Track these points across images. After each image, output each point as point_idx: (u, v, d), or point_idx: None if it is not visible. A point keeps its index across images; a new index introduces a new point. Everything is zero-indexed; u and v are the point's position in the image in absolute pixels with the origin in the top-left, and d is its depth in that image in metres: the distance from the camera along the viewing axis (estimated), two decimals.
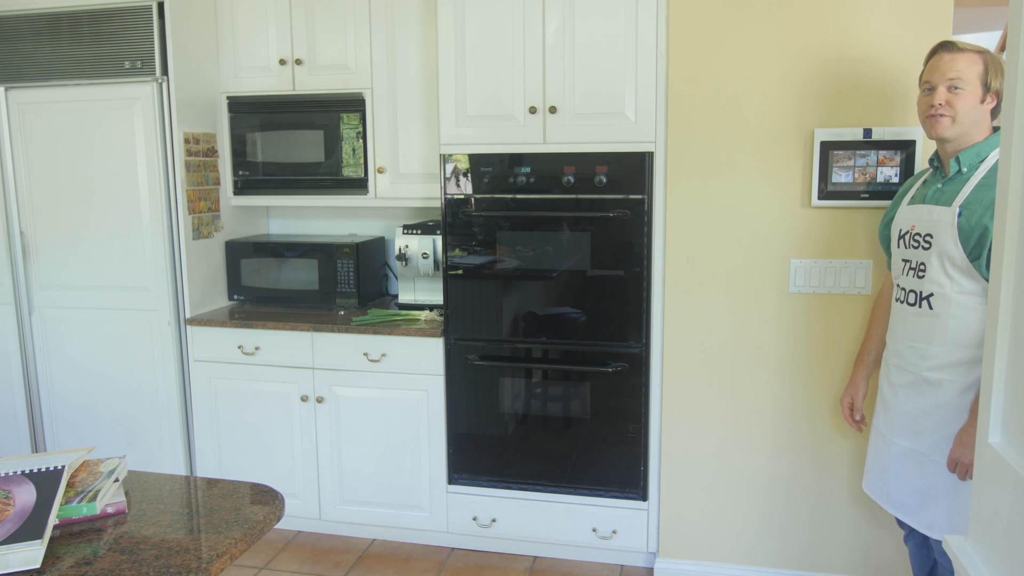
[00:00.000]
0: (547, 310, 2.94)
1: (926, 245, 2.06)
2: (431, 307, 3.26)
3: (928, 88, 2.09)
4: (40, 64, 3.20)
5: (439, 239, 3.15)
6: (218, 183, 3.39)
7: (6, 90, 3.25)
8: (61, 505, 1.49)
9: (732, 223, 2.70)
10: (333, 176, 3.30)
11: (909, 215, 2.16)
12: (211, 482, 1.78)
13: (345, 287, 3.32)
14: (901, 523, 2.32)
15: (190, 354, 3.26)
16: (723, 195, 2.69)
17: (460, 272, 2.99)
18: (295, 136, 3.32)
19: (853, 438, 2.68)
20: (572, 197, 2.84)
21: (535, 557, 3.10)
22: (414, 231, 3.22)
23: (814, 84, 2.57)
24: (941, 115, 2.05)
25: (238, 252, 3.43)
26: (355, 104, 3.22)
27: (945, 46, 2.08)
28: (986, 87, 2.03)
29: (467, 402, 3.04)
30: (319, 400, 3.14)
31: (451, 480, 3.10)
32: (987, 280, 1.96)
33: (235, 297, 3.48)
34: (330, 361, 3.12)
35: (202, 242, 3.30)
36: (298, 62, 3.26)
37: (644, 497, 2.93)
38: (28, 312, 3.39)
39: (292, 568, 3.06)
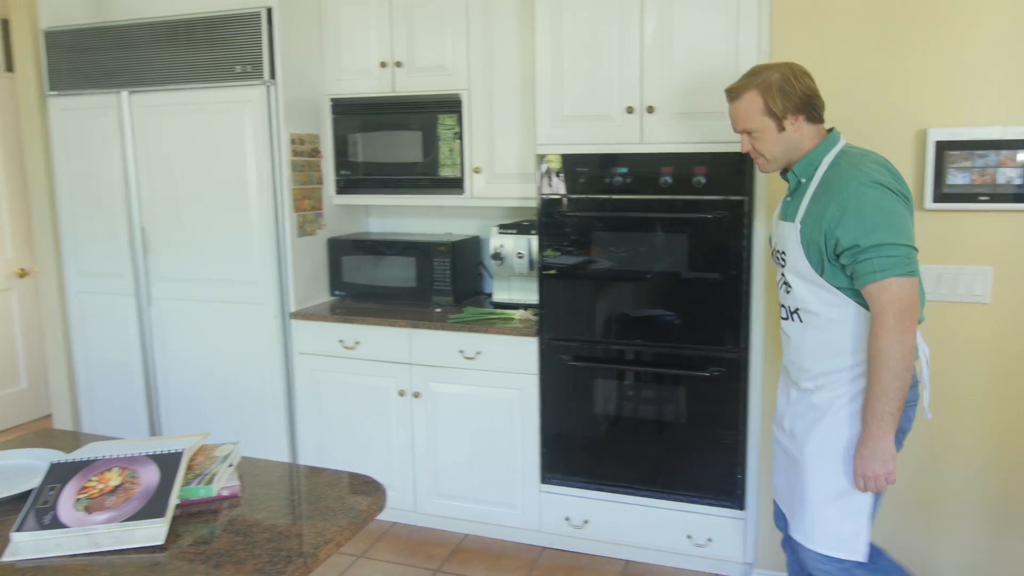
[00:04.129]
0: (641, 311, 2.91)
1: (782, 262, 2.02)
2: (525, 306, 3.28)
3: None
4: (158, 69, 3.38)
5: (534, 239, 3.16)
6: (321, 182, 3.51)
7: (129, 94, 3.45)
8: (181, 486, 1.58)
9: None
10: (430, 176, 3.37)
11: (773, 232, 2.12)
12: (315, 471, 1.84)
13: (441, 285, 3.38)
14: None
15: (294, 347, 3.39)
16: None
17: (554, 272, 2.99)
18: (394, 137, 3.40)
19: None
20: (668, 198, 2.80)
21: (627, 561, 3.07)
22: (509, 231, 3.25)
23: (925, 80, 2.45)
24: (757, 159, 2.05)
25: (339, 249, 3.54)
26: (452, 105, 3.27)
27: (727, 94, 2.04)
28: (775, 115, 1.95)
29: (560, 402, 3.05)
30: (416, 395, 3.21)
31: (543, 479, 3.11)
32: (838, 289, 1.89)
33: (336, 293, 3.59)
34: (426, 357, 3.18)
35: (306, 239, 3.43)
36: (398, 64, 3.33)
37: (741, 506, 2.86)
38: (147, 303, 3.59)
39: (388, 558, 3.14)
